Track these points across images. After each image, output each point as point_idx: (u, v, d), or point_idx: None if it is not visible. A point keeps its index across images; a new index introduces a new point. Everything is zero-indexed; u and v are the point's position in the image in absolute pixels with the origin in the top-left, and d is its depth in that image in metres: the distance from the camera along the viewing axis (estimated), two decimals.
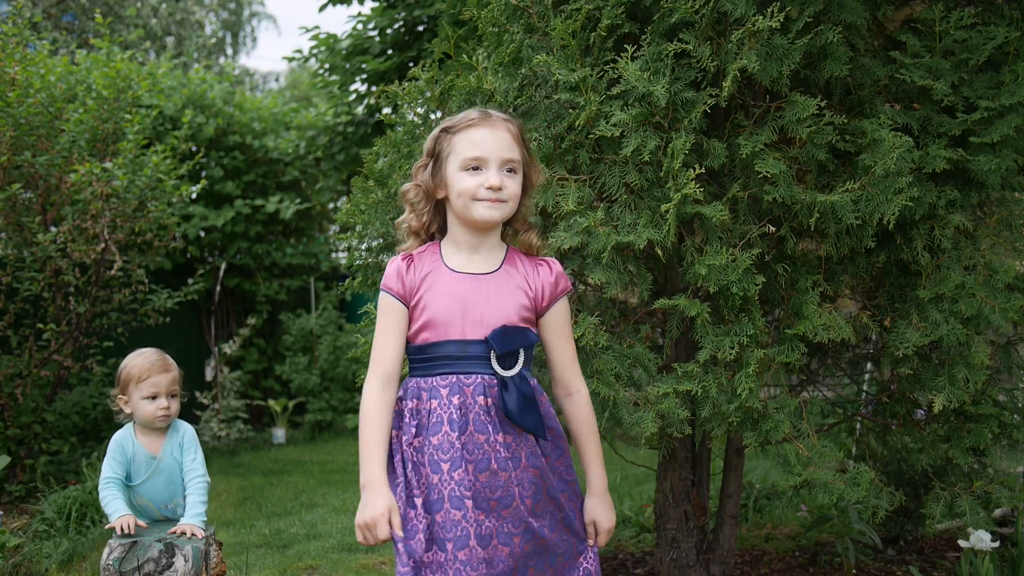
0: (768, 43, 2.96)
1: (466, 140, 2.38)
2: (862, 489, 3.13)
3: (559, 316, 2.47)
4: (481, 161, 2.36)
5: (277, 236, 10.11)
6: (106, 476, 3.33)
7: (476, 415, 2.34)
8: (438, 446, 2.33)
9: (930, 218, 3.20)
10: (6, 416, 6.24)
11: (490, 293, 2.39)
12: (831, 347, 3.71)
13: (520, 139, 2.43)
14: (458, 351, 2.36)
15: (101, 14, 7.34)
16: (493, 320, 2.36)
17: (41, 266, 6.41)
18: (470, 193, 2.36)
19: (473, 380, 2.35)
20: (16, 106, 6.05)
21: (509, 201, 2.38)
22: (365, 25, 8.51)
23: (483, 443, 2.33)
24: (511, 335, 2.37)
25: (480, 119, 2.40)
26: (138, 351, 3.46)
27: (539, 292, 2.44)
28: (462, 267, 2.41)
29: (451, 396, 2.34)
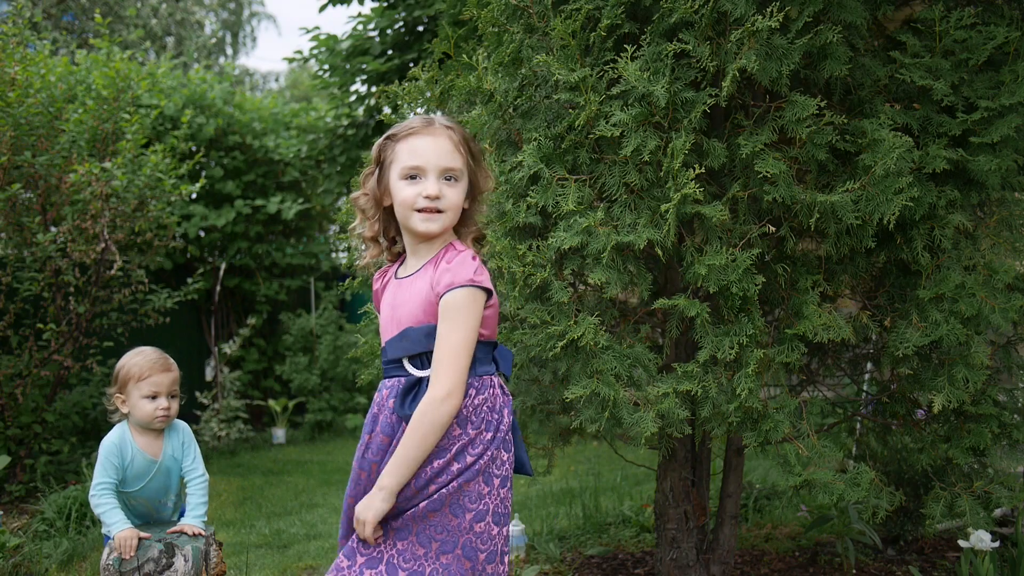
0: (768, 43, 2.96)
1: (406, 149, 2.38)
2: (862, 489, 3.13)
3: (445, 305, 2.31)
4: (419, 170, 2.35)
5: (277, 236, 10.11)
6: (100, 482, 3.22)
7: (385, 417, 2.37)
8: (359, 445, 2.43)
9: (930, 218, 3.20)
10: (6, 416, 6.24)
11: (405, 295, 2.40)
12: (831, 347, 3.71)
13: (464, 145, 2.40)
14: (387, 355, 2.42)
15: (101, 14, 7.33)
16: (404, 322, 2.37)
17: (41, 266, 6.41)
18: (409, 204, 2.35)
19: (391, 383, 2.39)
20: (16, 106, 6.05)
21: (447, 211, 2.36)
22: (365, 26, 8.51)
23: (386, 444, 2.36)
24: (409, 337, 2.35)
25: (421, 127, 2.39)
26: (137, 349, 3.39)
27: (436, 281, 2.34)
28: (401, 272, 2.46)
29: (376, 397, 2.41)
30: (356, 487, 2.40)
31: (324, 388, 9.82)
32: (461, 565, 2.31)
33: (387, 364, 2.41)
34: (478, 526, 2.32)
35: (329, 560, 4.73)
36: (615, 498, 5.81)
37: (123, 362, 3.34)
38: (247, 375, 9.63)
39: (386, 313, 2.43)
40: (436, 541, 2.31)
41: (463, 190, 2.41)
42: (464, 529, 2.31)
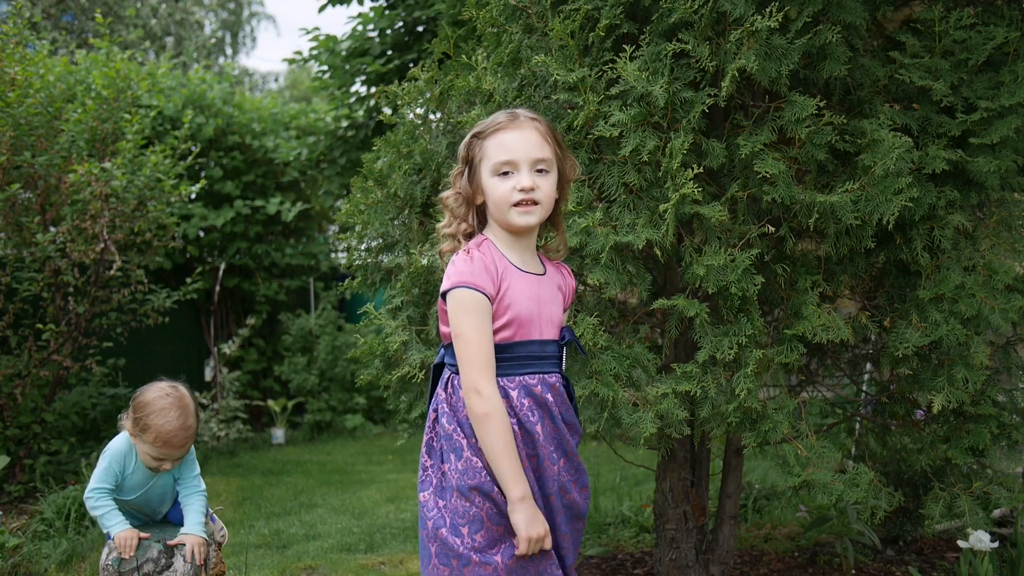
0: (767, 43, 2.96)
1: (495, 144, 2.39)
2: (861, 490, 3.13)
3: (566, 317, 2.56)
4: (511, 164, 2.36)
5: (277, 236, 10.10)
6: (98, 487, 3.21)
7: (555, 411, 2.40)
8: (547, 438, 2.39)
9: (930, 218, 3.20)
10: (5, 416, 6.24)
11: (551, 294, 2.46)
12: (830, 347, 3.71)
13: (550, 135, 2.42)
14: (540, 350, 2.41)
15: (101, 14, 7.33)
16: (557, 320, 2.46)
17: (40, 266, 6.40)
18: (505, 200, 2.36)
19: (553, 379, 2.43)
20: (16, 106, 6.05)
21: (543, 202, 2.38)
22: (365, 26, 8.50)
23: (559, 436, 2.42)
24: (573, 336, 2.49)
25: (507, 121, 2.40)
26: (165, 398, 3.18)
27: (567, 296, 2.53)
28: (526, 266, 2.44)
29: (544, 393, 2.39)
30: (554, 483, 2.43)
31: (323, 388, 9.82)
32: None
33: (541, 359, 2.42)
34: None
35: (329, 560, 4.74)
36: (614, 498, 5.81)
37: (148, 408, 3.17)
38: (246, 375, 9.63)
39: (530, 306, 2.39)
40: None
41: (555, 180, 2.43)
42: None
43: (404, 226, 3.91)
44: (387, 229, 3.89)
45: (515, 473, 2.28)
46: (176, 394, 3.21)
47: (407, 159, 3.85)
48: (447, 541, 2.32)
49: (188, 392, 3.27)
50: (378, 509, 6.02)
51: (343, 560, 4.75)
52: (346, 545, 5.06)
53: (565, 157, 2.47)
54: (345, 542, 5.12)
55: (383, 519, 5.71)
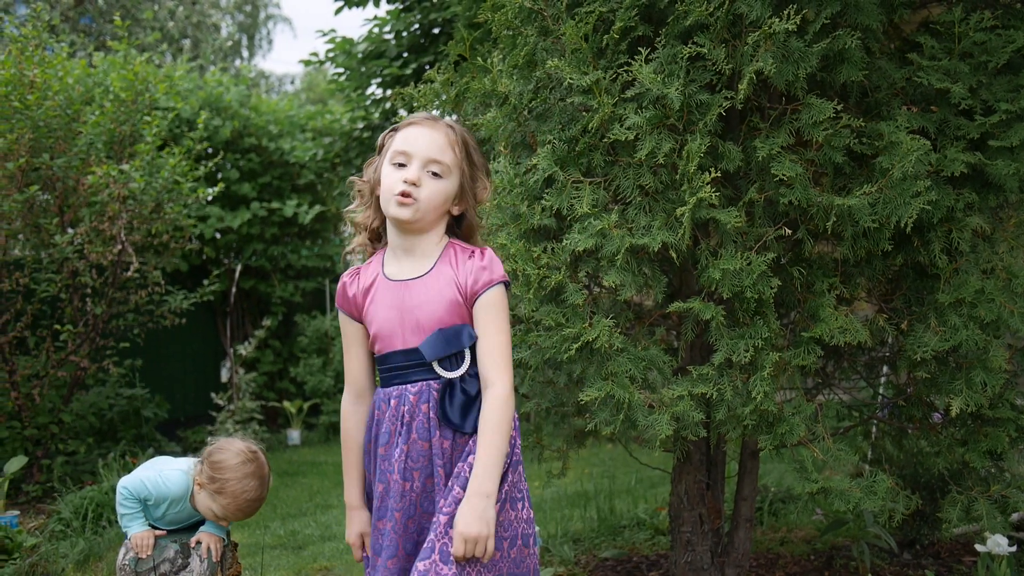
0: (784, 46, 2.95)
1: (401, 136, 2.41)
2: (879, 497, 3.12)
3: (482, 306, 2.36)
4: (406, 156, 2.37)
5: (292, 238, 10.13)
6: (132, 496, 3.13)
7: (419, 422, 2.34)
8: (385, 456, 2.38)
9: (948, 221, 3.18)
10: (23, 416, 6.28)
11: (422, 296, 2.37)
12: (847, 350, 3.69)
13: (460, 146, 2.40)
14: (403, 360, 2.38)
15: (119, 17, 7.36)
16: (428, 324, 2.36)
17: (58, 267, 6.44)
18: (390, 188, 2.36)
19: (418, 387, 2.36)
20: (35, 108, 6.08)
21: (421, 201, 2.34)
22: (381, 28, 8.51)
23: (427, 450, 2.34)
24: (445, 339, 2.35)
25: (421, 119, 2.42)
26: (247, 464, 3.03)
27: (466, 281, 2.37)
28: (396, 274, 2.42)
29: (400, 406, 2.36)
30: (403, 499, 2.33)
31: (339, 390, 9.82)
32: (522, 554, 2.36)
33: (405, 368, 2.38)
34: (523, 512, 2.38)
35: (344, 561, 4.74)
36: (630, 501, 5.80)
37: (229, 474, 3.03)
38: (262, 376, 9.66)
39: (390, 316, 2.38)
40: (506, 539, 2.33)
41: (447, 190, 2.39)
42: (520, 519, 2.37)
43: None
44: None
45: (345, 481, 2.53)
46: (257, 462, 3.08)
47: None
48: None
49: (265, 456, 3.15)
50: None
51: None
52: None
53: (475, 174, 2.45)
54: None
55: None
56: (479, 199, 2.48)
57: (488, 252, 2.41)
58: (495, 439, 2.28)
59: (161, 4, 18.68)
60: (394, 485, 2.34)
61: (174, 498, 3.16)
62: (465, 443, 2.35)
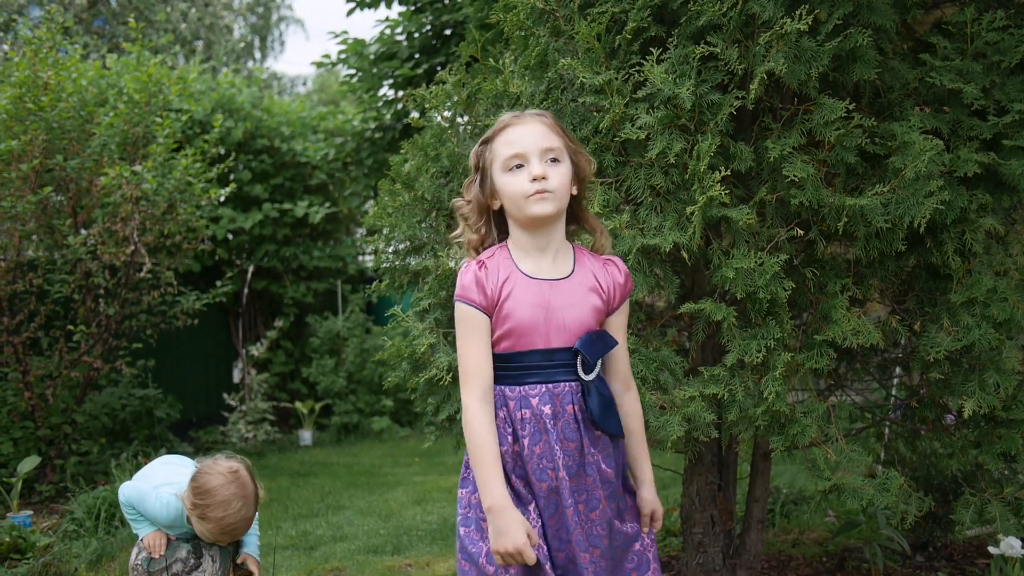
0: (796, 45, 2.95)
1: (502, 143, 2.37)
2: (891, 494, 3.11)
3: (623, 315, 2.48)
4: (521, 157, 2.34)
5: (304, 239, 10.15)
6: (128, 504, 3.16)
7: (566, 422, 2.35)
8: (541, 454, 2.35)
9: (961, 222, 3.17)
10: (37, 417, 6.30)
11: (569, 298, 2.37)
12: (859, 351, 3.68)
13: (557, 128, 2.40)
14: (544, 359, 2.36)
15: (133, 19, 7.39)
16: (575, 326, 2.36)
17: (72, 268, 6.47)
18: (520, 192, 2.33)
19: (562, 388, 2.36)
20: (49, 110, 6.11)
21: (556, 190, 2.34)
22: (393, 30, 8.52)
23: (574, 450, 2.35)
24: (596, 341, 2.37)
25: (510, 120, 2.40)
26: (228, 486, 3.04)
27: (611, 293, 2.42)
28: (536, 272, 2.38)
29: (542, 405, 2.34)
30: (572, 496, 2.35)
31: (350, 391, 9.85)
32: None
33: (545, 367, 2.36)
34: None
35: (356, 562, 4.75)
36: None
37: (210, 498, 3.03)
38: (274, 377, 9.68)
39: (534, 314, 2.35)
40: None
41: (567, 171, 2.39)
42: None
43: (431, 229, 3.92)
44: (414, 232, 3.90)
45: (484, 483, 2.29)
46: (239, 481, 3.08)
47: (434, 162, 3.86)
48: (463, 541, 2.38)
49: (249, 473, 3.15)
50: (405, 511, 6.03)
51: (370, 562, 4.76)
52: (373, 547, 5.07)
53: (578, 151, 2.44)
54: (372, 544, 5.13)
55: (410, 521, 5.72)
56: (585, 172, 2.45)
57: (623, 265, 2.49)
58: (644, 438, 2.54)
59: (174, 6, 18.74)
60: (563, 482, 2.34)
61: (165, 524, 3.15)
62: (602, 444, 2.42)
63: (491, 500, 2.27)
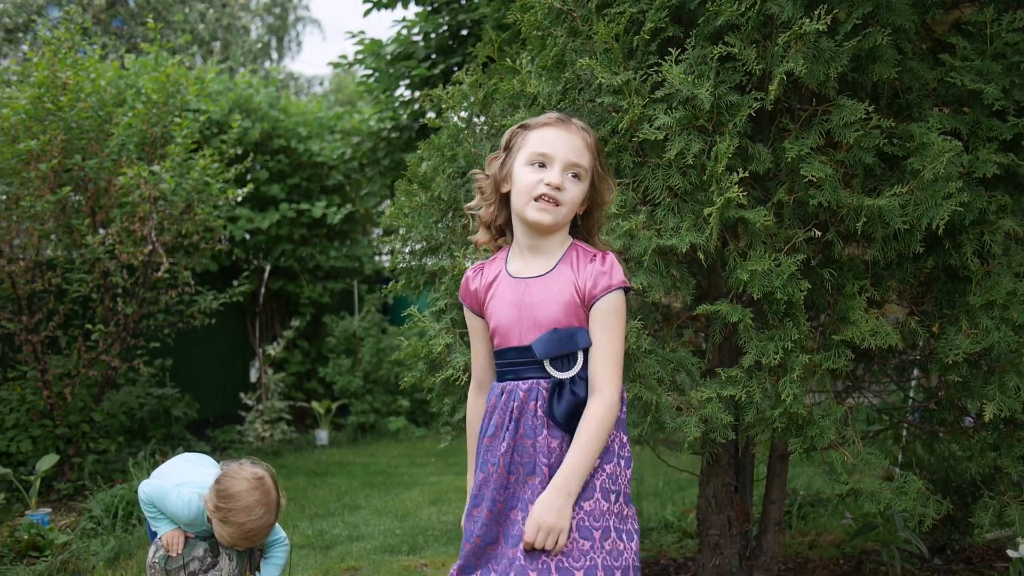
0: (815, 46, 2.94)
1: (538, 136, 2.38)
2: (909, 498, 3.10)
3: (598, 311, 2.36)
4: (547, 158, 2.35)
5: (321, 239, 10.17)
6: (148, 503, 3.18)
7: (527, 419, 2.35)
8: (490, 447, 2.40)
9: (980, 223, 3.15)
10: (55, 415, 6.34)
11: (541, 295, 2.38)
12: (877, 353, 3.66)
13: (594, 149, 2.41)
14: (517, 356, 2.39)
15: (152, 19, 7.43)
16: (544, 323, 2.36)
17: (90, 267, 6.50)
18: (529, 189, 2.34)
19: (528, 384, 2.37)
20: (67, 110, 6.14)
21: (564, 205, 2.35)
22: (410, 30, 8.53)
23: (529, 447, 2.35)
24: (557, 339, 2.35)
25: (557, 120, 2.40)
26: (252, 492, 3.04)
27: (584, 284, 2.37)
28: (519, 271, 2.42)
29: (510, 401, 2.37)
30: (505, 491, 2.38)
31: (367, 390, 9.86)
32: (617, 547, 2.37)
33: (519, 364, 2.39)
34: (616, 507, 2.37)
35: (372, 562, 4.76)
36: (657, 503, 5.78)
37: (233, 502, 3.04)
38: (291, 377, 9.70)
39: (509, 312, 2.39)
40: (597, 530, 2.34)
41: (584, 192, 2.40)
42: (612, 512, 2.36)
43: (448, 229, 3.92)
44: (431, 232, 3.90)
45: (469, 470, 2.53)
46: (263, 488, 3.08)
47: (451, 162, 3.86)
48: None
49: (273, 480, 3.15)
50: (421, 511, 6.04)
51: (386, 561, 4.77)
52: (389, 547, 5.08)
53: (604, 177, 2.44)
54: (388, 544, 5.14)
55: (426, 521, 5.72)
56: (604, 199, 2.46)
57: (609, 256, 2.40)
58: (589, 444, 2.30)
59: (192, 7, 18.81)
60: (496, 477, 2.37)
61: (185, 523, 3.17)
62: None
63: (468, 486, 2.50)
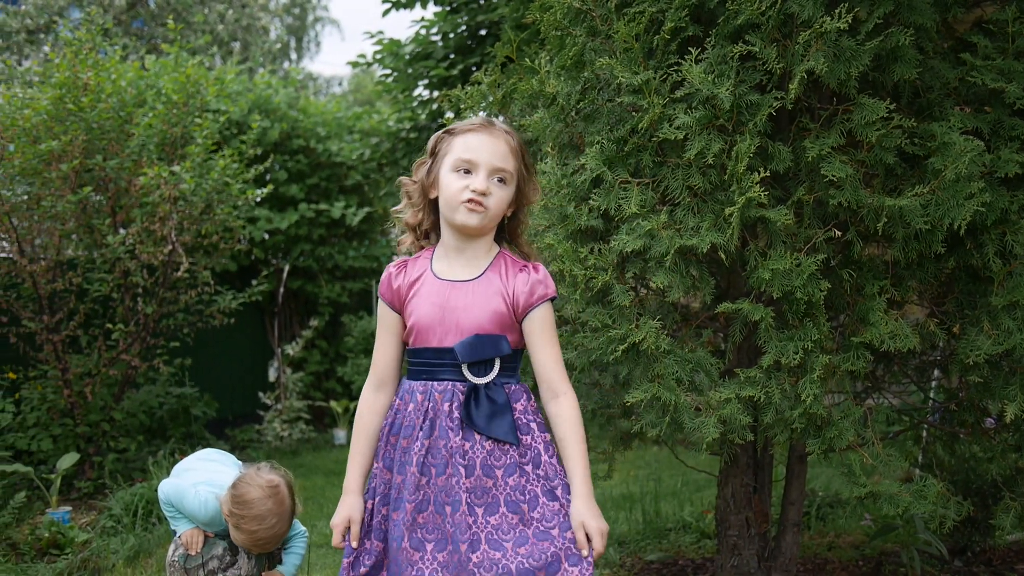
0: (836, 45, 2.93)
1: (463, 142, 2.44)
2: (929, 501, 3.08)
3: (538, 320, 2.45)
4: (472, 164, 2.41)
5: (340, 239, 10.19)
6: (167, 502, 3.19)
7: (441, 421, 2.40)
8: (406, 449, 2.43)
9: (1001, 223, 3.13)
10: (76, 414, 6.37)
11: (467, 300, 2.43)
12: (897, 354, 3.65)
13: (519, 153, 2.46)
14: (434, 357, 2.43)
15: (172, 20, 7.46)
16: (468, 327, 2.41)
17: (110, 267, 6.53)
18: (456, 196, 2.40)
19: (444, 386, 2.41)
20: (88, 111, 6.18)
21: (490, 209, 2.41)
22: (428, 30, 8.55)
23: (442, 448, 2.39)
24: (480, 344, 2.40)
25: (480, 125, 2.46)
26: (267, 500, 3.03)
27: (515, 297, 2.44)
28: (445, 273, 2.47)
29: (425, 401, 2.42)
30: (417, 492, 2.40)
31: None
32: None
33: (435, 365, 2.43)
34: None
35: None
36: (675, 503, 5.77)
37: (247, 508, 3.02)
38: (309, 376, 9.72)
39: (431, 312, 2.43)
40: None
41: (510, 195, 2.47)
42: None
43: None
44: None
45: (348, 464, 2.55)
46: (277, 497, 3.07)
47: None
48: None
49: (289, 489, 3.14)
50: None
51: None
52: None
53: (529, 179, 2.51)
54: None
55: None
56: (529, 200, 2.54)
57: (542, 267, 2.48)
58: (582, 443, 2.42)
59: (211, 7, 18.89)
60: (410, 478, 2.40)
61: (203, 522, 3.17)
62: (507, 451, 2.41)
63: (345, 482, 2.52)
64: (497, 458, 2.40)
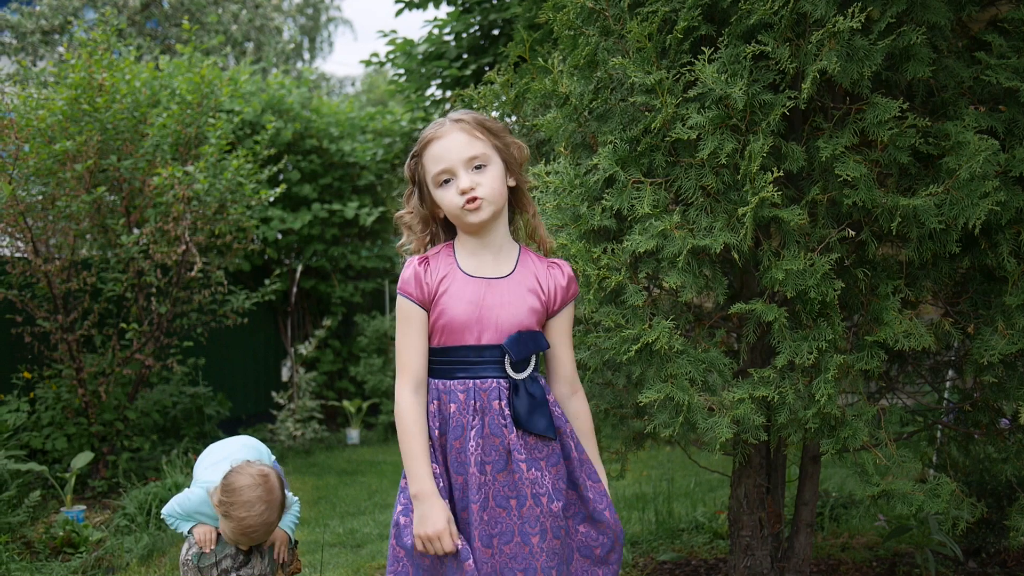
0: (849, 44, 2.92)
1: (429, 158, 2.46)
2: (942, 500, 3.06)
3: (567, 319, 2.56)
4: (447, 171, 2.43)
5: (352, 239, 10.21)
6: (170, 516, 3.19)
7: (492, 418, 2.41)
8: (461, 449, 2.43)
9: (1016, 223, 3.12)
10: (90, 413, 6.40)
11: (504, 297, 2.45)
12: (911, 354, 3.63)
13: (479, 130, 2.46)
14: (474, 355, 2.44)
15: (186, 21, 7.49)
16: (507, 325, 2.43)
17: (124, 267, 6.56)
18: (454, 205, 2.43)
19: (489, 384, 2.43)
20: (103, 111, 6.20)
21: (487, 196, 2.42)
22: (441, 30, 8.55)
23: (498, 445, 2.41)
24: (525, 341, 2.44)
25: (432, 133, 2.47)
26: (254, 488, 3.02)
27: (552, 295, 2.51)
28: (475, 270, 2.47)
29: (469, 400, 2.42)
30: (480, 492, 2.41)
31: None
32: None
33: (475, 363, 2.44)
34: None
35: None
36: (688, 504, 5.76)
37: (235, 496, 3.03)
38: (322, 376, 9.74)
39: (467, 310, 2.43)
40: None
41: (498, 171, 2.47)
42: None
43: None
44: None
45: (412, 472, 2.40)
46: (266, 486, 3.06)
47: None
48: (402, 529, 2.46)
49: (278, 479, 3.14)
50: None
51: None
52: None
53: (506, 143, 2.50)
54: None
55: None
56: (520, 159, 2.53)
57: (568, 268, 2.56)
58: (594, 432, 2.60)
59: (225, 8, 18.94)
60: (472, 478, 2.41)
61: (212, 516, 3.18)
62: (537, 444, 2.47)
63: (418, 487, 2.39)
64: (540, 450, 2.46)
